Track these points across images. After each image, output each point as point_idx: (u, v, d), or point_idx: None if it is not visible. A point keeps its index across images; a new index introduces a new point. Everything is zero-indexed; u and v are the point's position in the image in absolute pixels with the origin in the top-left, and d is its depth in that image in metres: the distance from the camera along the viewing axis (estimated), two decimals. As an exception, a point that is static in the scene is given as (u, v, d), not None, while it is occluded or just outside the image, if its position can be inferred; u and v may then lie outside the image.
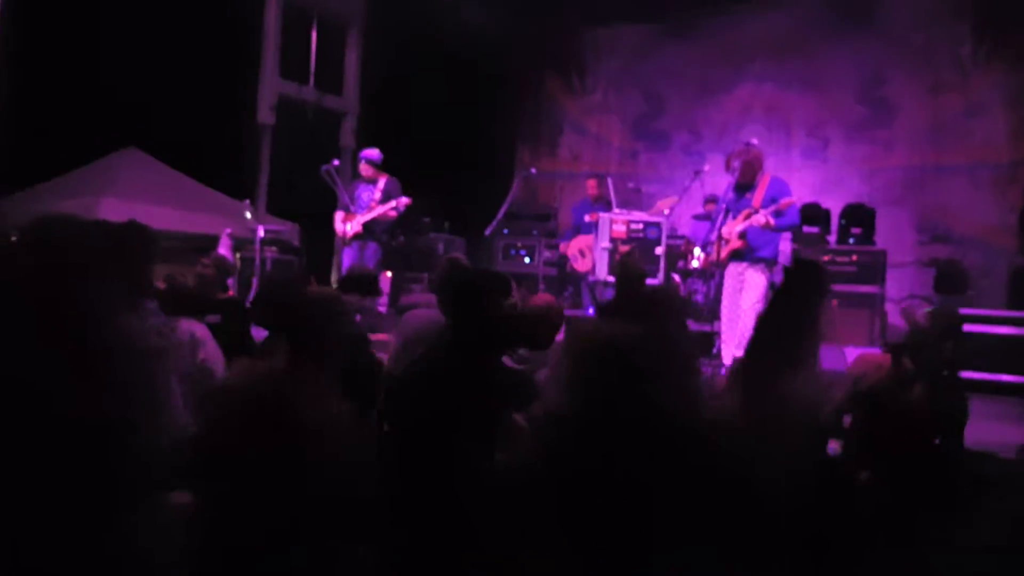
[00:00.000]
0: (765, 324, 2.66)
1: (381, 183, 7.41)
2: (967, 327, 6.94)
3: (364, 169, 7.47)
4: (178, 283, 3.68)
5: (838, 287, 7.37)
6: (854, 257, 7.74)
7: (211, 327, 3.50)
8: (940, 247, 8.86)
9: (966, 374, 6.75)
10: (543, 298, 4.13)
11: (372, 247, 7.39)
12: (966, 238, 8.75)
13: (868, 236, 8.06)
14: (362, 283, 4.87)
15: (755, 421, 2.05)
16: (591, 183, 8.42)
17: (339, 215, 7.47)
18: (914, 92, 9.08)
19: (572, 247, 8.24)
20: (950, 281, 8.11)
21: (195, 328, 3.34)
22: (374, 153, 7.53)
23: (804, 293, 2.65)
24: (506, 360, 3.21)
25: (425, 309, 3.99)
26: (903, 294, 8.72)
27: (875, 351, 5.50)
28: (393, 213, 7.27)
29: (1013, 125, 8.57)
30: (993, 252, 8.46)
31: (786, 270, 3.13)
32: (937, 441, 3.26)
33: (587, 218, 8.16)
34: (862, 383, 3.25)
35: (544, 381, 3.08)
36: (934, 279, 8.27)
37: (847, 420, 3.37)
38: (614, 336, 1.25)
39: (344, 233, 7.38)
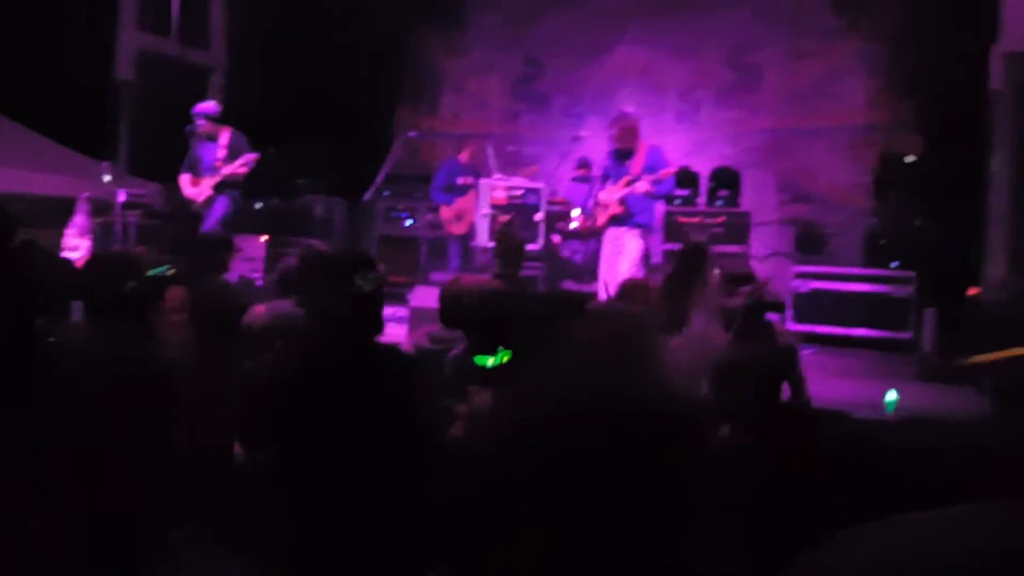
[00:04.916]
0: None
1: (224, 138, 6.82)
2: (823, 284, 7.47)
3: (202, 126, 6.83)
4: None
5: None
6: (721, 219, 8.11)
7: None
8: (801, 206, 9.34)
9: (822, 328, 7.27)
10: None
11: (221, 201, 6.82)
12: (825, 198, 9.23)
13: (734, 198, 8.42)
14: (214, 246, 4.61)
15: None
16: (465, 153, 8.42)
17: (186, 178, 6.90)
18: (779, 58, 9.44)
19: (450, 211, 8.23)
20: (809, 240, 8.58)
21: None
22: (210, 106, 6.93)
23: (692, 271, 2.85)
24: (423, 341, 3.16)
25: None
26: (767, 251, 9.18)
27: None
28: (244, 169, 6.73)
29: (870, 92, 9.05)
30: (850, 212, 8.94)
31: (678, 254, 3.34)
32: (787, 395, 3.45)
33: (460, 181, 8.20)
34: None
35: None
36: (794, 238, 8.73)
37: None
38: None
39: (197, 198, 6.88)
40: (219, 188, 6.81)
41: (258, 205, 8.61)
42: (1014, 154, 5.71)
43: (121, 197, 7.11)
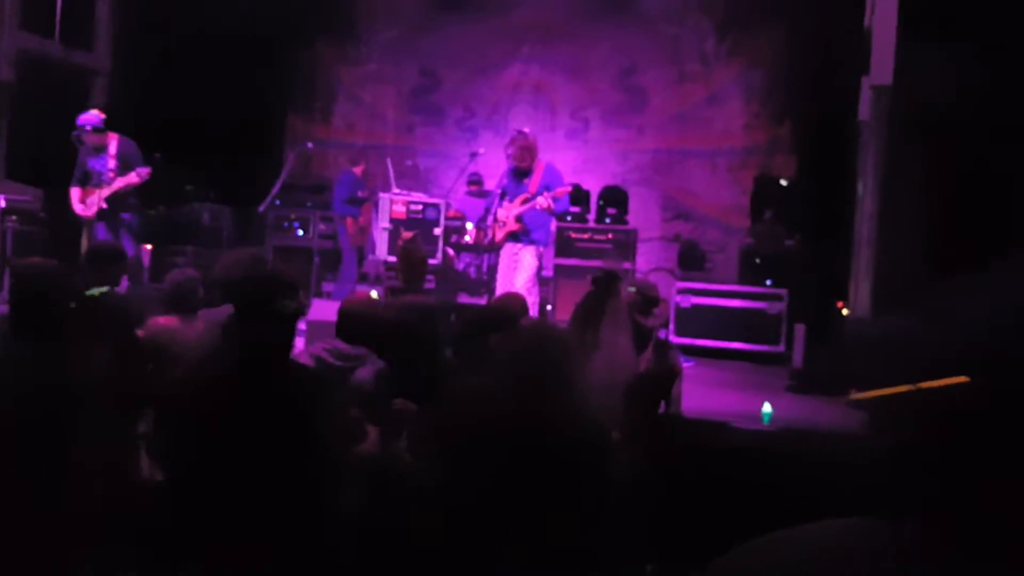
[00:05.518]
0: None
1: (112, 148, 6.58)
2: (703, 299, 7.85)
3: (88, 138, 6.55)
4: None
5: (596, 263, 7.98)
6: (610, 236, 8.41)
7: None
8: (682, 224, 9.79)
9: (701, 341, 7.64)
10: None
11: (124, 234, 6.62)
12: (705, 217, 9.70)
13: (622, 216, 8.75)
14: (107, 258, 4.54)
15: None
16: (359, 168, 8.49)
17: (75, 192, 6.62)
18: (663, 81, 9.86)
19: (355, 224, 8.29)
20: (690, 257, 9.00)
21: None
22: (92, 117, 6.61)
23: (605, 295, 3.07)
24: (326, 356, 3.22)
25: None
26: (650, 267, 9.56)
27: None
28: (137, 180, 6.50)
29: (747, 117, 9.57)
30: (728, 230, 9.42)
31: (592, 279, 3.56)
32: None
33: (360, 194, 8.25)
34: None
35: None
36: (677, 256, 9.13)
37: None
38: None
39: (85, 213, 6.61)
40: (112, 201, 6.56)
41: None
42: (878, 183, 6.17)
43: (-1, 203, 6.82)
